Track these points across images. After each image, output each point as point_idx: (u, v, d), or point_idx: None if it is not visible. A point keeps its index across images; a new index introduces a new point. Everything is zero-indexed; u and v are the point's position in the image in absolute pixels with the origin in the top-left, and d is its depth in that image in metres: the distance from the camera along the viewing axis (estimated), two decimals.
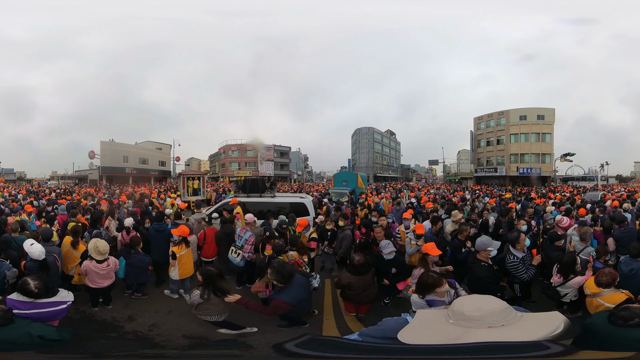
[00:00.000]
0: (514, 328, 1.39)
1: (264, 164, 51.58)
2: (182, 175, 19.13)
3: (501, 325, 1.39)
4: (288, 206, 7.93)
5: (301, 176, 64.09)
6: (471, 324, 1.42)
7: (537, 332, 1.38)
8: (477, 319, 1.42)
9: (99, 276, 4.20)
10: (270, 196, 8.27)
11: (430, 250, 4.18)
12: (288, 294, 2.54)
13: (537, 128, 41.10)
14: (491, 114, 45.49)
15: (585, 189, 23.91)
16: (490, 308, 1.46)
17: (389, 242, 4.66)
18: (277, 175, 49.23)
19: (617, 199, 11.45)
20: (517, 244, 4.03)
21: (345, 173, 23.17)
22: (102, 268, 4.18)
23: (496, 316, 1.42)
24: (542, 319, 1.56)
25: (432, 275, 3.05)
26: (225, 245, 5.70)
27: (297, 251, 4.74)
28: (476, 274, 3.72)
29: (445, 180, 56.26)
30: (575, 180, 39.88)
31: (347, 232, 5.85)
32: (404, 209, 8.70)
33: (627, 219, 6.10)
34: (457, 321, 1.46)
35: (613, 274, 3.16)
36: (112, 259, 4.37)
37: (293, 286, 2.54)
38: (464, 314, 1.46)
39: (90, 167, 46.22)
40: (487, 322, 1.40)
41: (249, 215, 6.06)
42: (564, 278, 3.84)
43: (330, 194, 14.98)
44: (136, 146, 49.80)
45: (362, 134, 65.90)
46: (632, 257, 3.94)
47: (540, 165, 40.49)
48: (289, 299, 2.51)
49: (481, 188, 27.85)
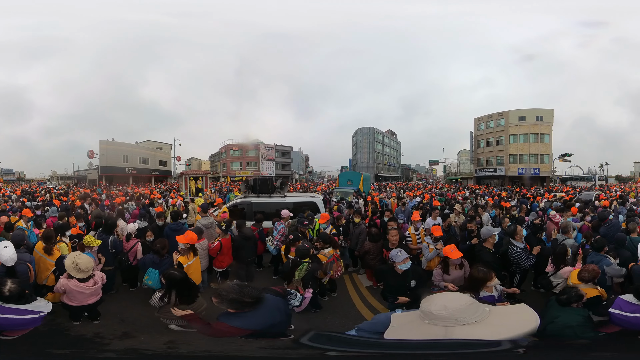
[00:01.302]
0: (487, 324, 1.43)
1: (265, 164, 51.46)
2: (185, 175, 18.93)
3: (474, 322, 1.42)
4: (300, 205, 7.80)
5: (302, 176, 63.95)
6: (444, 322, 1.43)
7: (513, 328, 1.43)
8: (447, 317, 1.44)
9: (83, 295, 3.46)
10: (281, 196, 8.12)
11: (451, 253, 3.75)
12: (246, 319, 2.04)
13: (536, 129, 41.53)
14: (491, 115, 45.92)
15: (582, 189, 24.12)
16: (456, 305, 1.48)
17: (399, 249, 3.79)
18: (278, 175, 49.05)
19: (608, 199, 11.76)
20: (516, 235, 4.50)
21: (350, 173, 23.33)
22: (87, 287, 3.45)
23: (465, 313, 1.45)
24: (513, 313, 1.62)
25: (481, 270, 3.03)
26: (245, 251, 5.48)
27: (331, 247, 4.89)
28: (484, 260, 4.03)
29: (446, 180, 56.45)
30: (574, 180, 40.11)
31: (362, 227, 6.24)
32: (410, 209, 8.67)
33: (609, 216, 6.41)
34: (431, 321, 1.47)
35: (595, 271, 3.27)
36: (99, 274, 3.66)
37: (259, 311, 2.09)
38: (432, 313, 1.47)
39: (90, 167, 45.46)
40: (459, 320, 1.42)
41: (285, 211, 6.64)
42: (556, 268, 4.16)
43: (336, 193, 14.99)
44: (136, 146, 48.97)
45: (363, 134, 65.91)
46: (595, 250, 4.13)
47: (539, 165, 40.99)
48: (246, 324, 2.02)
49: (480, 187, 28.37)
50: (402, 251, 3.69)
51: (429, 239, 4.97)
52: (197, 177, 18.40)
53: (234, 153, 54.28)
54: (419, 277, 3.77)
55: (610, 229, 5.56)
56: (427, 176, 79.62)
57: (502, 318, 1.51)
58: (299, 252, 4.29)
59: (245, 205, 7.85)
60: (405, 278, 3.61)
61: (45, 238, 4.39)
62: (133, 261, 5.15)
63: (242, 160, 53.85)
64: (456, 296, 1.61)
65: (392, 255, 3.69)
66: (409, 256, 3.74)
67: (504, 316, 1.55)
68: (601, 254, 4.06)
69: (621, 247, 4.49)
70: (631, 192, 18.37)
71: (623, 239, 4.70)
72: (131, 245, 5.26)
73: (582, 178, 41.00)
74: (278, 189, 8.31)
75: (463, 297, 1.58)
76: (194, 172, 23.72)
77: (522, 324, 1.46)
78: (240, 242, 5.46)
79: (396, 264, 3.59)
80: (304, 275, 4.09)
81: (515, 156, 42.24)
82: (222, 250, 5.25)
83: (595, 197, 13.46)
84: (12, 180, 51.58)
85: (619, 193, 16.89)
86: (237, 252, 5.45)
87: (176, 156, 49.43)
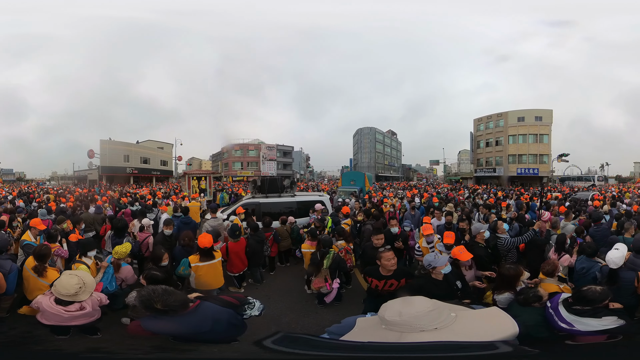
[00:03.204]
0: (449, 331, 1.34)
1: (267, 164, 51.45)
2: (187, 174, 18.82)
3: (434, 328, 1.35)
4: (310, 204, 7.86)
5: (303, 175, 63.94)
6: (398, 328, 1.38)
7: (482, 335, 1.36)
8: (401, 324, 1.39)
9: (59, 318, 2.64)
10: (290, 195, 8.13)
11: (460, 255, 3.59)
12: (157, 323, 1.92)
13: (535, 129, 41.88)
14: (490, 116, 46.30)
15: (579, 189, 24.27)
16: (412, 312, 1.41)
17: (435, 252, 3.53)
18: (280, 175, 49.06)
19: (600, 199, 12.02)
20: (498, 229, 5.06)
21: (353, 173, 23.50)
22: (64, 310, 2.64)
23: (422, 320, 1.38)
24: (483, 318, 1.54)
25: (510, 267, 3.08)
26: (259, 257, 5.49)
27: (344, 240, 5.20)
28: (477, 253, 4.20)
29: (446, 180, 56.64)
30: (572, 180, 40.24)
31: (368, 226, 6.43)
32: (419, 216, 8.19)
33: (602, 218, 6.38)
34: (387, 326, 1.43)
35: (554, 265, 3.40)
36: (92, 301, 2.78)
37: (183, 318, 1.97)
38: (386, 319, 1.43)
39: (90, 166, 44.71)
40: (414, 327, 1.37)
41: (318, 205, 7.08)
42: (558, 255, 4.41)
43: (339, 192, 15.12)
44: (137, 145, 48.20)
45: (364, 134, 66.03)
46: (587, 256, 3.99)
47: (538, 165, 41.31)
48: (155, 328, 1.90)
49: (479, 187, 28.82)
50: (439, 254, 3.40)
51: (441, 246, 4.67)
52: (200, 176, 18.29)
53: (236, 153, 54.25)
54: (461, 277, 3.45)
55: (597, 232, 5.66)
56: (428, 176, 79.81)
57: (470, 324, 1.44)
58: (325, 242, 4.63)
59: (253, 206, 7.78)
60: (450, 281, 3.22)
61: (37, 256, 3.56)
62: (145, 252, 5.32)
63: (243, 160, 53.84)
64: (416, 302, 1.49)
65: (430, 261, 3.20)
66: (448, 258, 3.38)
67: (473, 322, 1.47)
68: (592, 260, 3.94)
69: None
70: (626, 193, 18.50)
71: (616, 242, 4.58)
72: (143, 238, 5.50)
73: (580, 178, 41.20)
74: (287, 188, 8.34)
75: (424, 303, 1.48)
76: (197, 172, 23.58)
77: (494, 330, 1.38)
78: (255, 247, 5.45)
79: (437, 269, 3.17)
80: (331, 264, 4.47)
81: (514, 156, 42.62)
82: (229, 255, 5.12)
83: (591, 197, 13.63)
84: (12, 180, 51.35)
85: (611, 194, 16.99)
86: (252, 256, 5.42)
87: (177, 156, 49.46)
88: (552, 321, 2.30)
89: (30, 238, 4.80)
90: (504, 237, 4.90)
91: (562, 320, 2.23)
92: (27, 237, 4.83)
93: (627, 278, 3.32)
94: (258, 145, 54.72)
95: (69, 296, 2.68)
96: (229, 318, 2.31)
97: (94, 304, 2.83)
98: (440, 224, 6.47)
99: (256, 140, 57.04)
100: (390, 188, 24.00)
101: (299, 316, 4.57)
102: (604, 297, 2.26)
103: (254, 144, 55.08)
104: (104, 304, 3.02)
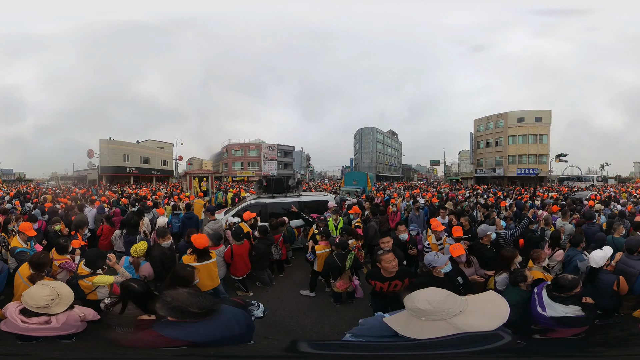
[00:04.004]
0: (471, 313, 1.47)
1: (268, 164, 51.36)
2: (189, 174, 18.70)
3: (460, 311, 1.47)
4: (316, 203, 7.98)
5: (304, 175, 63.87)
6: (435, 316, 1.47)
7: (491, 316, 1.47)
8: (434, 311, 1.47)
9: (14, 327, 2.33)
10: (297, 195, 8.07)
11: (454, 251, 3.71)
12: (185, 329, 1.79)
13: (534, 130, 42.10)
14: (490, 117, 46.51)
15: (578, 189, 24.34)
16: (437, 298, 1.53)
17: (435, 252, 3.51)
18: (281, 175, 48.99)
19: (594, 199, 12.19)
20: (496, 226, 5.54)
21: (356, 173, 23.69)
22: (20, 320, 2.33)
23: (446, 304, 1.50)
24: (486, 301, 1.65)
25: (508, 249, 3.72)
26: (266, 260, 5.40)
27: (354, 238, 5.37)
28: (486, 256, 4.26)
29: (447, 180, 56.70)
30: (571, 180, 40.32)
31: (371, 223, 6.93)
32: (423, 216, 8.20)
33: (594, 217, 6.64)
34: (426, 317, 1.49)
35: (539, 252, 3.72)
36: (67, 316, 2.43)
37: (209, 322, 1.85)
38: (420, 308, 1.50)
39: (89, 166, 44.17)
40: (447, 311, 1.47)
41: (331, 203, 7.36)
42: (552, 250, 4.52)
43: (342, 192, 15.13)
44: (137, 145, 47.95)
45: (365, 134, 66.06)
46: (572, 245, 4.34)
47: (538, 166, 41.57)
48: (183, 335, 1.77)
49: (480, 187, 28.98)
50: (439, 254, 3.41)
51: (450, 240, 4.80)
52: (201, 176, 18.12)
53: (236, 153, 54.15)
54: (461, 273, 3.57)
55: (589, 229, 5.91)
56: (428, 176, 79.84)
57: (480, 306, 1.54)
58: (341, 244, 4.73)
59: (260, 207, 7.65)
60: (452, 279, 3.30)
61: (35, 264, 3.26)
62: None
63: (243, 160, 53.74)
64: (432, 291, 1.60)
65: (430, 261, 3.28)
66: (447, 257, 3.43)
67: (480, 305, 1.57)
68: (577, 249, 4.27)
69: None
70: (623, 193, 18.53)
71: (603, 239, 5.06)
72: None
73: (580, 178, 41.39)
74: (293, 188, 8.29)
75: (439, 290, 1.60)
76: (199, 172, 23.41)
77: (496, 312, 1.49)
78: (263, 251, 5.34)
79: (437, 269, 3.24)
80: (352, 264, 4.66)
81: (514, 157, 42.85)
82: (233, 258, 4.96)
83: (588, 197, 13.71)
84: (12, 180, 51.15)
85: (606, 194, 16.98)
86: (259, 260, 5.28)
87: (178, 155, 49.31)
88: (533, 304, 2.64)
89: (21, 244, 4.35)
90: (504, 232, 5.24)
91: (540, 304, 2.59)
92: (16, 243, 4.37)
93: (605, 280, 3.32)
94: (259, 145, 54.65)
95: (38, 308, 2.38)
96: (245, 319, 2.22)
97: (71, 319, 2.46)
98: (445, 222, 6.53)
99: (257, 140, 57.02)
100: (391, 189, 23.99)
101: (321, 315, 4.65)
102: (573, 285, 2.60)
103: (254, 144, 55.03)
104: (89, 319, 2.64)
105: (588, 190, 22.25)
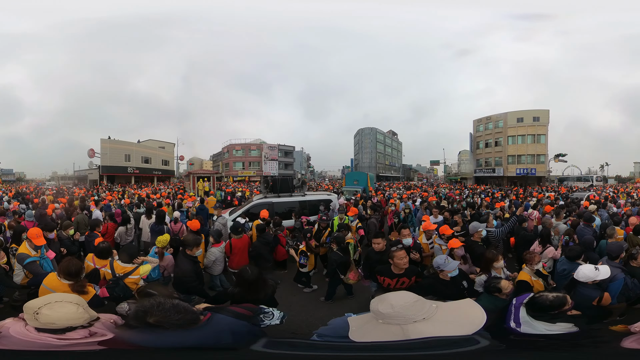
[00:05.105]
0: (435, 321, 1.45)
1: (268, 164, 51.43)
2: (192, 174, 18.77)
3: (422, 319, 1.45)
4: (320, 202, 8.21)
5: (305, 175, 63.96)
6: (393, 320, 1.45)
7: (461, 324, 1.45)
8: (394, 316, 1.45)
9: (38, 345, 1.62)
10: (302, 194, 8.21)
11: (454, 244, 4.11)
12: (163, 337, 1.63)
13: (533, 130, 42.33)
14: (489, 117, 46.72)
15: (577, 189, 24.46)
16: (401, 303, 1.50)
17: (446, 256, 3.53)
18: (282, 175, 49.08)
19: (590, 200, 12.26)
20: (487, 223, 5.66)
21: (357, 173, 23.95)
22: (54, 339, 1.64)
23: (410, 310, 1.47)
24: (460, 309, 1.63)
25: (491, 252, 3.73)
26: (265, 259, 5.26)
27: (349, 232, 5.61)
28: (477, 252, 4.37)
29: (446, 180, 56.86)
30: (570, 180, 40.56)
31: (372, 220, 7.40)
32: (420, 216, 8.19)
33: (593, 219, 6.34)
34: (383, 320, 1.48)
35: (532, 255, 3.73)
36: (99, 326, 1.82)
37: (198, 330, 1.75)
38: (380, 312, 1.50)
39: (90, 166, 43.38)
40: (407, 317, 1.44)
41: (341, 200, 7.62)
42: (542, 247, 4.55)
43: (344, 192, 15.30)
44: (138, 144, 47.67)
45: (365, 134, 66.20)
46: (569, 259, 3.96)
47: (536, 166, 41.83)
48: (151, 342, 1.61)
49: (478, 187, 29.40)
50: (448, 258, 3.47)
51: (440, 240, 4.88)
52: (204, 177, 18.19)
53: (237, 153, 54.22)
54: (466, 276, 3.63)
55: (583, 230, 5.70)
56: (428, 176, 79.95)
57: (450, 314, 1.53)
58: (339, 239, 4.82)
59: (266, 206, 7.65)
60: (457, 282, 3.38)
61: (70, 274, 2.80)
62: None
63: (244, 160, 53.81)
64: (402, 294, 1.61)
65: (439, 264, 3.32)
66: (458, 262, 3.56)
67: (451, 312, 1.56)
68: (574, 263, 3.85)
69: (589, 251, 4.46)
70: (621, 193, 18.59)
71: (591, 241, 4.80)
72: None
73: (579, 179, 41.47)
74: (298, 187, 8.43)
75: (409, 295, 1.59)
76: (202, 172, 23.44)
77: (469, 320, 1.47)
78: (260, 248, 5.31)
79: (445, 272, 3.32)
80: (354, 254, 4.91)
81: (513, 157, 43.06)
82: (232, 251, 5.13)
83: (586, 197, 13.80)
84: (12, 180, 51.08)
85: (603, 194, 16.99)
86: (256, 257, 5.23)
87: (179, 155, 49.31)
88: (508, 316, 2.19)
89: (30, 252, 3.90)
90: (494, 230, 5.48)
91: (516, 319, 2.07)
92: (25, 249, 3.95)
93: (587, 295, 3.01)
94: (260, 145, 54.72)
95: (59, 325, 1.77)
96: (247, 329, 2.09)
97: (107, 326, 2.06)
98: (437, 221, 6.69)
99: (258, 140, 57.10)
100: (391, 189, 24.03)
101: (337, 309, 4.59)
102: (556, 305, 2.12)
103: (255, 144, 55.11)
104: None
105: (587, 190, 22.34)
